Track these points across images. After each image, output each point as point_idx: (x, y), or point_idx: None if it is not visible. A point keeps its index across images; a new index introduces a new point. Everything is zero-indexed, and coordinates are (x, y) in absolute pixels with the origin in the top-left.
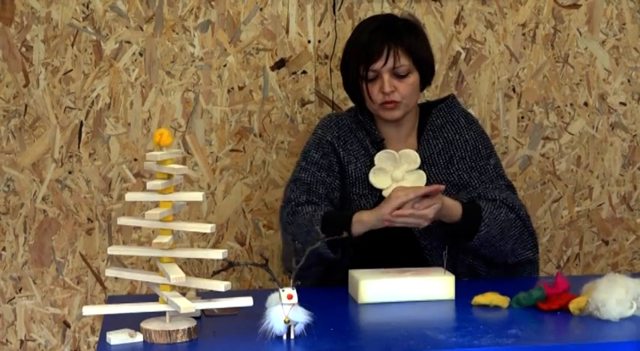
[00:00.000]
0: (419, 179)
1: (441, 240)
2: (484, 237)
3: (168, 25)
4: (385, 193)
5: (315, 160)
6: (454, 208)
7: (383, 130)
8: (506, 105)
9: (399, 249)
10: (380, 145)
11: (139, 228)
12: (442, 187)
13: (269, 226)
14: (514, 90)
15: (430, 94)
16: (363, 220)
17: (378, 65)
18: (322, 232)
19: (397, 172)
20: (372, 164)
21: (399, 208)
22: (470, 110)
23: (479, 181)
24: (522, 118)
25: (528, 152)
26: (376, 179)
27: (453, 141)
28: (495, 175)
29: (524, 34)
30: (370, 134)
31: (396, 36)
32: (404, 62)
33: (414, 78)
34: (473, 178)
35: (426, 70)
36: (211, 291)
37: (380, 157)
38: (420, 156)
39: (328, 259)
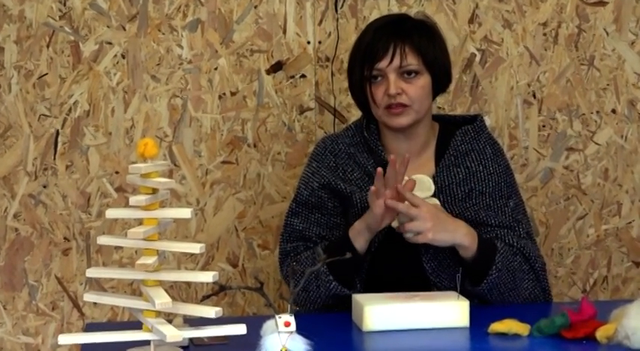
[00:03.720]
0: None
1: (453, 278)
2: (494, 282)
3: (154, 25)
4: (394, 224)
5: (305, 200)
6: (471, 234)
7: (391, 145)
8: (526, 112)
9: (407, 286)
10: (386, 167)
11: (121, 248)
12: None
13: (264, 246)
14: (534, 96)
15: (442, 100)
16: (359, 231)
17: (382, 64)
18: (330, 271)
19: None
20: None
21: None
22: (486, 118)
23: (495, 221)
24: (544, 126)
25: (550, 164)
26: None
27: (475, 172)
28: (512, 219)
29: (545, 35)
30: (376, 154)
31: (403, 34)
32: (412, 61)
33: (424, 80)
34: (490, 218)
35: (438, 74)
36: (201, 318)
37: None
38: (437, 184)
39: (345, 296)
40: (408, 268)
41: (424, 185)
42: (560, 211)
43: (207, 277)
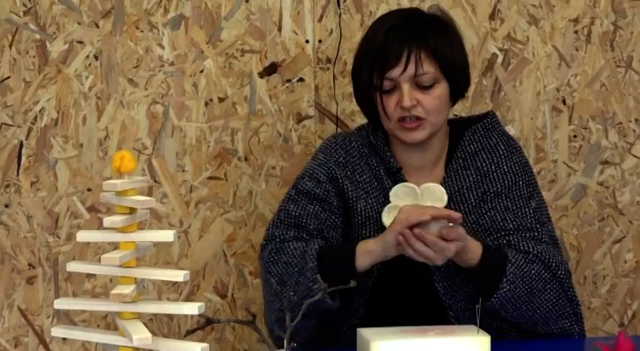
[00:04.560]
0: (444, 222)
1: (470, 298)
2: (506, 297)
3: (131, 21)
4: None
5: (307, 190)
6: (473, 250)
7: (402, 156)
8: (555, 121)
9: (417, 308)
10: (396, 175)
11: (94, 276)
12: (460, 215)
13: (257, 274)
14: (564, 102)
15: (460, 107)
16: (370, 250)
17: (395, 73)
18: (319, 271)
19: None
20: (387, 201)
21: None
22: (509, 127)
23: (514, 225)
24: (575, 137)
25: (583, 180)
26: (390, 219)
27: (487, 172)
28: (534, 221)
29: (576, 32)
30: (385, 161)
31: (418, 36)
32: (428, 69)
33: (441, 89)
34: (507, 221)
35: (457, 80)
36: None
37: (396, 193)
38: (446, 190)
39: (325, 308)
40: (417, 287)
41: (436, 195)
42: (594, 233)
43: (192, 308)
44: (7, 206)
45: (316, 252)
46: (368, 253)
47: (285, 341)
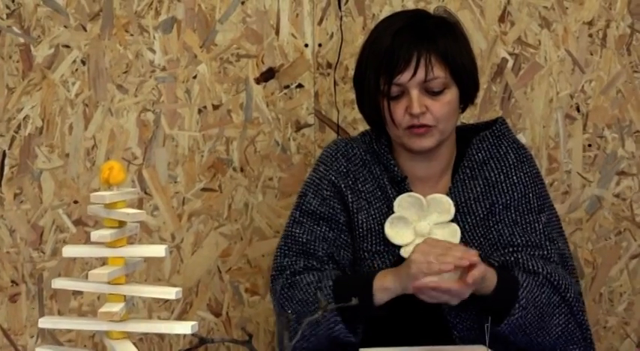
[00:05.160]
0: (451, 236)
1: (475, 318)
2: (517, 323)
3: (120, 24)
4: (404, 252)
5: (312, 209)
6: (490, 278)
7: (406, 165)
8: (569, 129)
9: (420, 327)
10: (401, 185)
11: (81, 293)
12: (476, 258)
13: (253, 291)
14: (578, 109)
15: (468, 114)
16: (387, 287)
17: (404, 78)
18: (337, 310)
19: (423, 223)
20: (391, 211)
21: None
22: (520, 136)
23: (522, 241)
24: (589, 146)
25: (598, 192)
26: (394, 231)
27: (496, 183)
28: (544, 237)
29: (591, 36)
30: (389, 170)
31: (428, 39)
32: (438, 74)
33: (451, 95)
34: (515, 236)
35: (467, 85)
36: None
37: (401, 203)
38: (453, 202)
39: (346, 343)
40: (421, 305)
41: (442, 207)
42: (611, 247)
43: (185, 328)
44: None
45: (332, 290)
46: (385, 290)
47: None
